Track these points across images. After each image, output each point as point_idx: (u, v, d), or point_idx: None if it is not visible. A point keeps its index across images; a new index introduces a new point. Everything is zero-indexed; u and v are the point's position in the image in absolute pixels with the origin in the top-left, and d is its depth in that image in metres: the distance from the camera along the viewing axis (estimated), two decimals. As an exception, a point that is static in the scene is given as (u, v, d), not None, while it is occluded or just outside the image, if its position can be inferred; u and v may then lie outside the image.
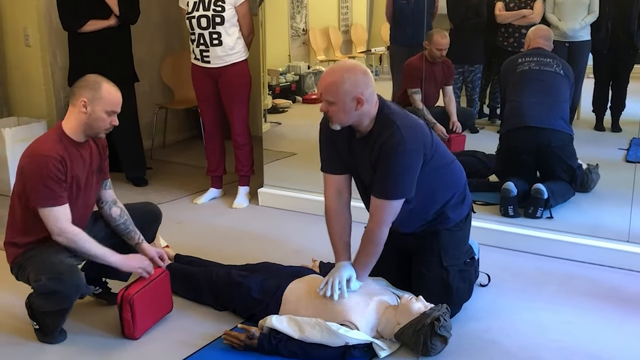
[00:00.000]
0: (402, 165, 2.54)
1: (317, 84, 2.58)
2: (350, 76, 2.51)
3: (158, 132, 5.85)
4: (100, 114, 2.62)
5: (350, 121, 2.57)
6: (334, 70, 2.57)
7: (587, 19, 4.13)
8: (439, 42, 4.26)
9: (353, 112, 2.52)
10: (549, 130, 3.77)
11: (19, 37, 5.12)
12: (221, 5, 4.01)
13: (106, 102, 2.62)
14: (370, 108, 2.55)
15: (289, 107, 5.14)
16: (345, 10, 5.39)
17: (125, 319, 2.67)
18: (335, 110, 2.53)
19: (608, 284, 3.19)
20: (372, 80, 2.56)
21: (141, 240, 2.87)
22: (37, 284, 2.54)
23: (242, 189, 4.46)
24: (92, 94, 2.61)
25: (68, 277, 2.52)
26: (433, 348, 2.50)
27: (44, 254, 2.60)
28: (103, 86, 2.63)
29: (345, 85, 2.49)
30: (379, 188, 2.60)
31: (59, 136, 2.64)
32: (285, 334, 2.53)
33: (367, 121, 2.58)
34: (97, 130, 2.66)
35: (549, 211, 3.71)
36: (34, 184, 2.55)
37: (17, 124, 4.83)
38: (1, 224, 2.84)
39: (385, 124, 2.55)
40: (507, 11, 4.39)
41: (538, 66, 3.91)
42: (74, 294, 2.57)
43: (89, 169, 2.72)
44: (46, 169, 2.53)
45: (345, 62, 2.63)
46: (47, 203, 2.55)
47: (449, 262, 2.77)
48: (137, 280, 2.75)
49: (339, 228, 2.75)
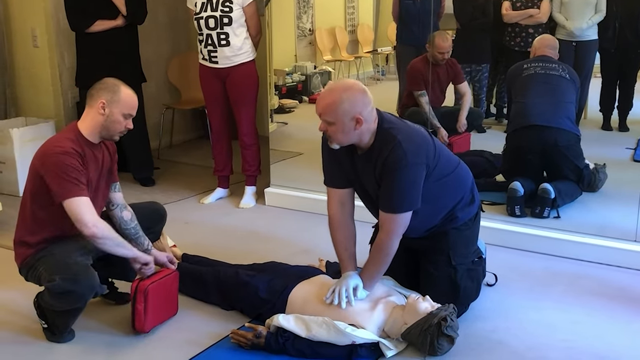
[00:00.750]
0: (407, 179, 2.54)
1: (316, 104, 2.57)
2: (349, 96, 2.51)
3: (165, 132, 5.87)
4: (118, 116, 2.64)
5: (349, 141, 2.58)
6: (332, 90, 2.56)
7: (594, 18, 4.12)
8: (440, 46, 4.25)
9: (352, 131, 2.53)
10: (555, 129, 3.76)
11: (26, 38, 5.15)
12: (229, 6, 4.02)
13: (124, 105, 2.64)
14: (369, 126, 2.56)
15: (295, 107, 5.14)
16: (352, 10, 5.39)
17: (137, 310, 2.68)
18: (335, 130, 2.54)
19: (616, 284, 3.18)
20: (370, 99, 2.55)
21: (150, 247, 2.87)
22: (51, 284, 2.54)
23: (248, 188, 4.47)
24: (110, 96, 2.63)
25: (83, 277, 2.53)
26: (440, 348, 2.50)
27: (56, 254, 2.61)
28: (122, 89, 2.66)
29: (344, 105, 2.49)
30: (386, 202, 2.60)
31: (76, 135, 2.65)
32: (292, 333, 2.53)
33: (367, 138, 2.58)
34: (112, 132, 2.68)
35: (556, 211, 3.70)
36: (56, 179, 2.53)
37: (25, 125, 4.86)
38: (11, 223, 2.85)
39: (386, 138, 2.55)
40: (514, 10, 4.38)
41: (544, 70, 3.91)
42: (89, 294, 2.58)
43: (101, 172, 2.73)
44: (66, 162, 2.53)
45: (344, 82, 2.64)
46: (71, 193, 2.52)
47: (457, 261, 2.77)
48: (150, 275, 2.76)
49: (343, 239, 2.76)
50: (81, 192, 2.55)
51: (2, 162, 4.68)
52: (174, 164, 5.47)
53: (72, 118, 5.20)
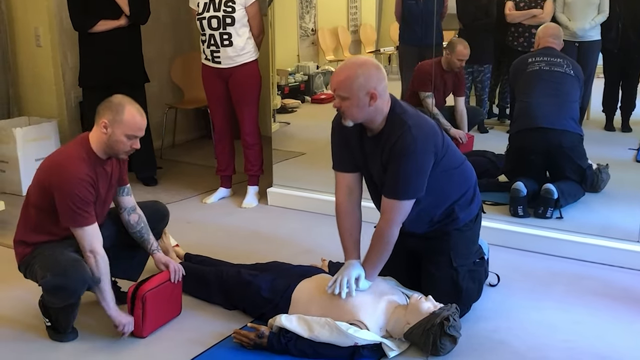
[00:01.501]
0: (414, 165, 2.54)
1: (330, 80, 2.55)
2: (364, 71, 2.50)
3: (168, 132, 5.88)
4: (120, 137, 2.59)
5: (363, 117, 2.56)
6: (347, 66, 2.55)
7: (597, 19, 4.12)
8: (462, 53, 4.25)
9: (367, 107, 2.52)
10: (560, 131, 3.75)
11: (30, 38, 5.16)
12: (231, 6, 4.02)
13: (127, 126, 2.58)
14: (383, 104, 2.55)
15: (298, 107, 5.14)
16: (354, 10, 5.39)
17: (135, 316, 2.68)
18: (349, 105, 2.52)
19: (618, 284, 3.18)
20: (384, 75, 2.55)
21: (156, 248, 2.88)
22: (43, 281, 2.56)
23: (251, 188, 4.47)
24: (112, 116, 2.58)
25: (72, 271, 2.53)
26: (442, 348, 2.51)
27: (50, 252, 2.62)
28: (126, 109, 2.59)
29: (359, 80, 2.49)
30: (390, 188, 2.60)
31: (87, 154, 2.62)
32: (294, 333, 2.53)
33: (379, 119, 2.57)
34: (116, 152, 2.64)
35: (559, 211, 3.70)
36: (65, 206, 2.55)
37: (28, 124, 4.87)
38: (13, 223, 2.86)
39: (397, 123, 2.55)
40: (517, 11, 4.38)
41: (548, 66, 3.90)
42: (81, 288, 2.58)
43: (110, 183, 2.74)
44: (77, 191, 2.53)
45: (358, 58, 2.62)
46: (78, 224, 2.57)
47: (458, 262, 2.77)
48: (151, 278, 2.76)
49: (349, 226, 2.75)
50: (86, 222, 2.58)
51: (5, 162, 4.69)
52: (176, 164, 5.48)
53: (75, 118, 5.22)
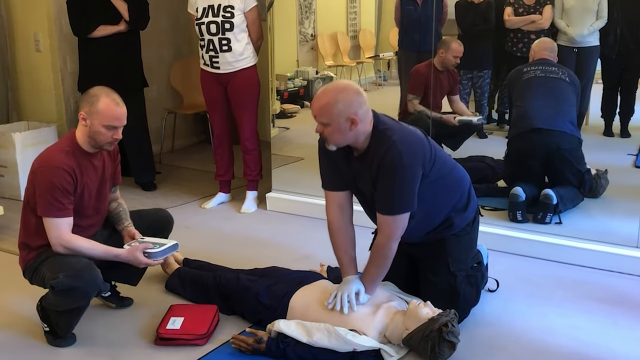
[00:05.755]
0: (402, 180, 2.54)
1: (311, 106, 2.56)
2: (344, 96, 2.50)
3: (167, 137, 5.88)
4: (99, 128, 2.60)
5: (346, 142, 2.57)
6: (327, 92, 2.55)
7: (595, 25, 4.13)
8: (456, 49, 4.26)
9: (348, 132, 2.52)
10: (558, 132, 3.76)
11: (29, 43, 5.16)
12: (230, 12, 4.03)
13: (103, 117, 2.59)
14: (365, 127, 2.55)
15: (297, 112, 5.14)
16: (354, 16, 5.40)
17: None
18: (330, 131, 2.53)
19: (617, 290, 3.18)
20: (365, 99, 2.55)
21: (128, 225, 2.87)
22: (54, 282, 2.53)
23: (250, 193, 4.47)
24: (89, 108, 2.61)
25: (87, 273, 2.54)
26: (441, 354, 2.50)
27: (59, 255, 2.61)
28: (101, 100, 2.60)
29: (338, 106, 2.49)
30: (383, 204, 2.60)
31: (72, 147, 2.65)
32: (293, 339, 2.53)
33: (362, 139, 2.58)
34: (99, 143, 2.65)
35: (558, 217, 3.70)
36: (42, 193, 2.57)
37: (27, 129, 4.87)
38: (13, 227, 2.86)
39: (382, 140, 2.55)
40: (516, 16, 4.38)
41: (544, 74, 3.91)
42: (92, 291, 2.58)
43: (102, 177, 2.73)
44: (55, 180, 2.55)
45: (338, 83, 2.63)
46: (52, 214, 2.58)
47: (456, 267, 2.77)
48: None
49: (343, 243, 2.76)
50: (60, 213, 2.58)
51: (4, 166, 4.69)
52: (175, 169, 5.47)
53: (74, 122, 5.16)
